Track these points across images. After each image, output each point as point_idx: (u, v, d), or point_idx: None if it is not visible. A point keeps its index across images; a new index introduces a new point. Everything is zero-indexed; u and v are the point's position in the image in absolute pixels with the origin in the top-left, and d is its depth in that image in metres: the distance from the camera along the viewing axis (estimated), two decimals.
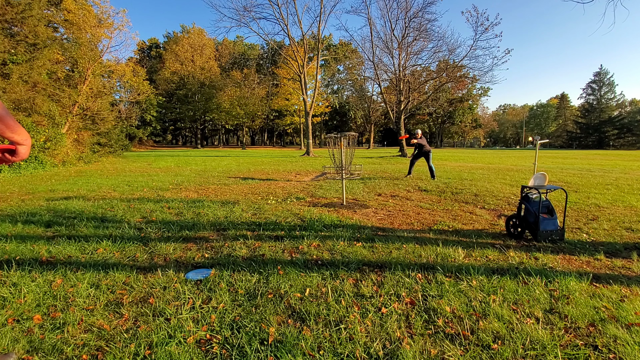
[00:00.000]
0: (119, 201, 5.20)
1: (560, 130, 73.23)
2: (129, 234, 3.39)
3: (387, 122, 56.31)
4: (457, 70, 22.44)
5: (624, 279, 2.34)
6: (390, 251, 2.91)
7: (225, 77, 46.09)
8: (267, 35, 24.23)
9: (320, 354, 1.50)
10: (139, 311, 1.87)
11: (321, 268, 2.53)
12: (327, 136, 5.58)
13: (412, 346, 1.56)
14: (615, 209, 4.69)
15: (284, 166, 12.97)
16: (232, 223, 3.90)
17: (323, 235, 3.40)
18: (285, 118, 44.82)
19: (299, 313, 1.86)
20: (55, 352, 1.51)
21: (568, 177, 8.79)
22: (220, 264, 2.60)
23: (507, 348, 1.55)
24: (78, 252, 2.84)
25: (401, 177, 8.63)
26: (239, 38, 56.81)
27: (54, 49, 13.99)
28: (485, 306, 1.94)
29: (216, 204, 5.01)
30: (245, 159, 18.92)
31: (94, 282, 2.24)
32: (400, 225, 3.89)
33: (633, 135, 55.31)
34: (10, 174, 9.40)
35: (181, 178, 8.57)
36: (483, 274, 2.39)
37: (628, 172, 10.37)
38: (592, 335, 1.67)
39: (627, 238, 3.37)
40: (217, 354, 1.51)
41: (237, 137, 69.91)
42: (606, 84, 60.55)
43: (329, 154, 5.95)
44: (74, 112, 15.49)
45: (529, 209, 3.30)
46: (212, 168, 12.01)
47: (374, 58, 23.47)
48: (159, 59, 48.68)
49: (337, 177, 5.36)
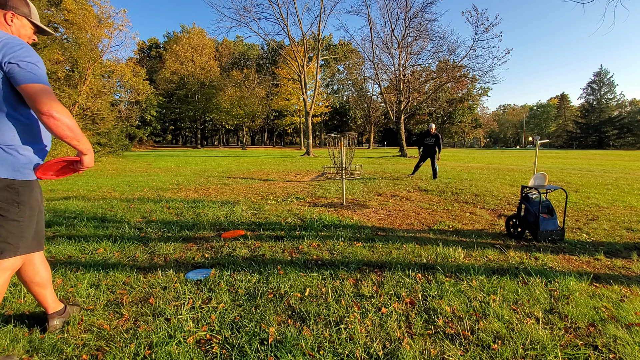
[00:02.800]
0: (119, 201, 5.20)
1: (560, 130, 73.26)
2: (129, 234, 3.39)
3: (387, 122, 56.36)
4: (457, 70, 22.43)
5: (624, 279, 2.34)
6: (390, 251, 2.91)
7: (225, 77, 46.09)
8: (267, 35, 24.26)
9: (320, 354, 1.50)
10: (139, 311, 1.87)
11: (321, 268, 2.53)
12: (327, 136, 5.57)
13: (412, 346, 1.56)
14: (615, 209, 4.69)
15: (284, 166, 12.97)
16: (232, 223, 3.90)
17: (323, 235, 3.40)
18: (285, 118, 44.81)
19: (299, 313, 1.86)
20: (55, 352, 1.51)
21: (568, 177, 8.79)
22: (220, 264, 2.60)
23: (507, 348, 1.55)
24: (78, 252, 2.84)
25: (401, 177, 8.63)
26: (239, 38, 56.85)
27: (53, 49, 13.99)
28: (485, 306, 1.94)
29: (216, 204, 5.01)
30: (245, 159, 18.92)
31: (94, 282, 2.24)
32: (400, 225, 3.89)
33: (633, 135, 55.33)
34: None
35: (181, 178, 8.57)
36: (483, 274, 2.39)
37: (628, 172, 10.37)
38: (592, 335, 1.67)
39: (627, 238, 3.37)
40: (217, 354, 1.51)
41: (237, 137, 69.94)
42: (606, 84, 60.59)
43: (329, 154, 5.95)
44: (74, 112, 15.48)
45: (529, 209, 3.30)
46: (212, 168, 12.01)
47: (374, 58, 23.49)
48: (159, 59, 48.70)
49: (337, 177, 5.36)
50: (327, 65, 48.91)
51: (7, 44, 1.26)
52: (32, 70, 1.27)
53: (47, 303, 1.68)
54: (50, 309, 1.69)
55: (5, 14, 1.38)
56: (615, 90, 60.22)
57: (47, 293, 1.68)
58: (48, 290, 1.68)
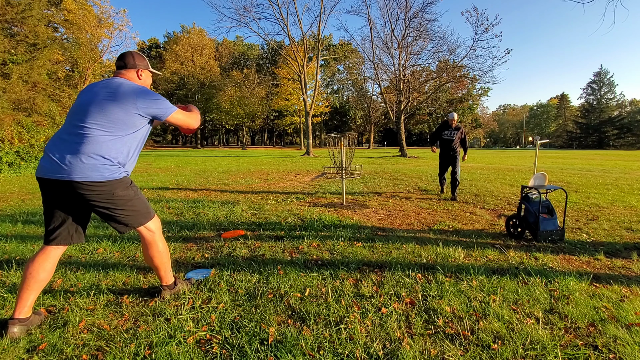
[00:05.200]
0: None
1: (560, 130, 73.26)
2: (129, 234, 3.38)
3: (387, 122, 56.30)
4: (457, 70, 22.41)
5: (624, 279, 2.34)
6: (390, 251, 2.91)
7: (225, 77, 46.06)
8: (267, 35, 24.24)
9: (320, 354, 1.50)
10: (139, 311, 1.87)
11: (321, 268, 2.53)
12: (327, 136, 5.57)
13: (412, 346, 1.56)
14: (615, 209, 4.69)
15: (284, 166, 12.97)
16: (232, 223, 3.90)
17: (323, 235, 3.40)
18: (285, 118, 44.79)
19: (299, 313, 1.86)
20: (55, 352, 1.51)
21: (568, 177, 8.79)
22: (220, 264, 2.60)
23: (507, 348, 1.55)
24: (78, 252, 2.84)
25: (401, 177, 8.61)
26: (239, 38, 56.80)
27: (54, 49, 14.00)
28: (485, 306, 1.93)
29: (216, 204, 5.01)
30: (245, 159, 18.92)
31: (94, 282, 2.24)
32: (400, 225, 3.89)
33: (633, 135, 55.34)
34: (10, 174, 9.40)
35: (181, 178, 8.57)
36: (483, 274, 2.39)
37: (628, 172, 10.37)
38: (592, 335, 1.67)
39: (627, 238, 3.37)
40: (217, 354, 1.51)
41: (237, 137, 69.88)
42: (606, 84, 60.61)
43: (329, 154, 5.94)
44: None
45: (529, 209, 3.30)
46: (212, 168, 12.01)
47: (374, 58, 23.47)
48: (159, 59, 48.61)
49: (337, 177, 5.36)
50: (327, 65, 48.92)
51: (146, 95, 1.77)
52: (166, 107, 1.83)
53: (22, 308, 1.64)
54: (17, 314, 1.64)
55: (137, 71, 1.90)
56: (615, 90, 60.27)
57: (33, 297, 1.68)
58: (34, 295, 1.68)
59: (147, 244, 1.89)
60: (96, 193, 1.65)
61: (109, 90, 1.71)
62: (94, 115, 1.65)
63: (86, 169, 1.60)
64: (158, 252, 1.92)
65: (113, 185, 1.69)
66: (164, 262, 1.98)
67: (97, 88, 1.74)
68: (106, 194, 1.68)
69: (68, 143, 1.62)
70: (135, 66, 1.90)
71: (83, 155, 1.60)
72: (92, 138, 1.62)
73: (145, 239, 1.88)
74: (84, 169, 1.60)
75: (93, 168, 1.62)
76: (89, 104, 1.67)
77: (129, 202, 1.77)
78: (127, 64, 1.88)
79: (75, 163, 1.59)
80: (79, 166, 1.59)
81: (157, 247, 1.91)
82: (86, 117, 1.64)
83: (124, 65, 1.87)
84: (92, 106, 1.66)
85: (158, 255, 1.92)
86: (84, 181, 1.60)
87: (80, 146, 1.61)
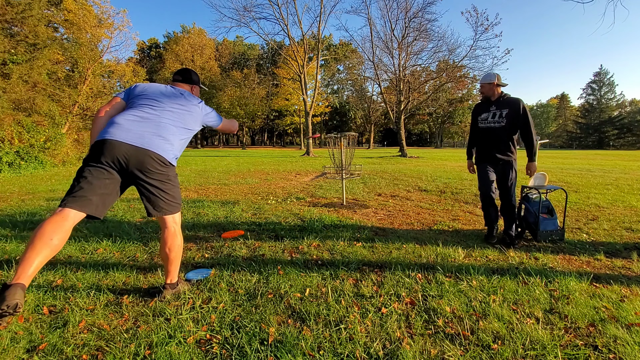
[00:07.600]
0: (118, 201, 5.20)
1: (560, 130, 73.21)
2: (129, 234, 3.39)
3: (387, 122, 56.32)
4: (457, 70, 22.41)
5: (624, 279, 2.34)
6: (390, 251, 2.91)
7: (225, 77, 46.03)
8: (267, 35, 24.25)
9: (320, 354, 1.50)
10: (139, 311, 1.87)
11: (321, 268, 2.53)
12: (327, 136, 5.57)
13: (412, 346, 1.56)
14: (615, 209, 4.69)
15: (284, 166, 12.97)
16: (232, 223, 3.90)
17: (323, 235, 3.40)
18: (285, 118, 44.79)
19: (299, 313, 1.86)
20: (55, 352, 1.51)
21: (568, 177, 8.79)
22: (220, 264, 2.60)
23: (507, 348, 1.55)
24: (78, 252, 2.84)
25: (401, 177, 8.61)
26: (239, 38, 56.80)
27: (54, 49, 13.98)
28: (485, 306, 1.93)
29: (216, 204, 5.01)
30: (245, 159, 18.92)
31: (94, 282, 2.24)
32: (400, 225, 3.89)
33: (633, 135, 55.31)
34: (10, 174, 9.40)
35: (181, 178, 8.56)
36: (483, 274, 2.39)
37: (628, 172, 10.37)
38: (592, 335, 1.67)
39: (627, 238, 3.37)
40: (217, 354, 1.51)
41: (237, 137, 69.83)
42: (606, 84, 60.57)
43: (329, 154, 5.94)
44: (74, 112, 15.48)
45: (529, 209, 3.30)
46: (212, 168, 12.01)
47: (374, 58, 23.46)
48: (159, 59, 48.66)
49: (337, 177, 5.36)
50: (327, 65, 48.90)
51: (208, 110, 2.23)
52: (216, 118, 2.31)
53: (24, 272, 1.49)
54: (18, 278, 1.45)
55: (193, 87, 2.30)
56: (615, 90, 60.21)
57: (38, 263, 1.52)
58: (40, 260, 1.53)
59: (170, 234, 1.96)
60: (158, 171, 1.86)
61: (182, 101, 2.06)
62: (169, 115, 1.96)
63: (161, 147, 1.87)
64: (177, 246, 1.99)
65: (172, 170, 1.97)
66: (178, 258, 2.04)
67: (172, 93, 2.07)
68: (164, 174, 1.90)
69: (147, 123, 1.87)
70: (196, 83, 2.30)
71: (161, 138, 1.88)
72: (169, 129, 1.93)
73: (169, 229, 1.96)
74: (160, 146, 1.86)
75: (165, 149, 1.89)
76: (166, 102, 1.99)
77: (175, 188, 1.98)
78: (192, 80, 2.28)
79: (154, 139, 1.85)
80: (156, 142, 1.85)
81: (177, 240, 1.99)
82: (164, 113, 1.94)
83: (189, 80, 2.27)
84: (169, 107, 1.98)
85: (176, 249, 1.99)
86: (159, 154, 1.84)
87: (159, 130, 1.89)
